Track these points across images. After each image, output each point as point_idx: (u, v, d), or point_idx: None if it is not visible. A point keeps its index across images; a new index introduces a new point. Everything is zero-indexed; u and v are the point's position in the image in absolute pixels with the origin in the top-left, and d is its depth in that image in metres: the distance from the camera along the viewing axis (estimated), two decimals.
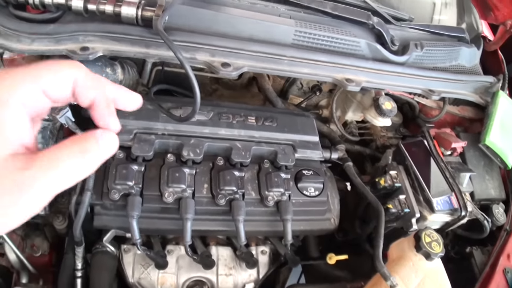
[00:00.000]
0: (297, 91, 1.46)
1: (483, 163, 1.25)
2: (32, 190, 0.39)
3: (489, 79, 1.27)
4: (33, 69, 0.43)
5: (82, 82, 0.45)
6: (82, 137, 0.44)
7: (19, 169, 0.39)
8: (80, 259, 0.95)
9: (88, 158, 0.43)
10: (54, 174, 0.41)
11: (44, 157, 0.41)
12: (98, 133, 0.45)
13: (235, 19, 0.96)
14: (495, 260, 1.10)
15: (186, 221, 0.85)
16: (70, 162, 0.42)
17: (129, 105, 0.53)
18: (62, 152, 0.42)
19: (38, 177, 0.40)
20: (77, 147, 0.43)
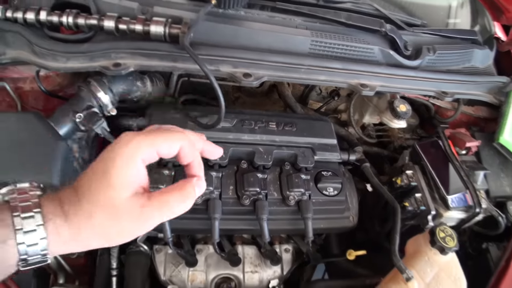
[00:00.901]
0: (316, 96, 1.51)
1: (498, 161, 1.27)
2: (148, 223, 0.55)
3: (503, 79, 1.29)
4: (152, 135, 0.57)
5: (186, 149, 0.61)
6: (184, 185, 0.60)
7: (141, 206, 0.54)
8: (115, 259, 1.03)
9: (188, 201, 0.59)
10: (163, 213, 0.56)
11: (158, 199, 0.56)
12: (195, 181, 0.62)
13: (254, 32, 1.02)
14: (510, 255, 1.12)
15: (214, 221, 0.91)
16: (176, 204, 0.58)
17: (213, 156, 0.69)
18: (171, 196, 0.57)
19: (154, 214, 0.55)
20: (182, 193, 0.59)
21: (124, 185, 0.53)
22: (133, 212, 0.53)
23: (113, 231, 0.54)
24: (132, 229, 0.55)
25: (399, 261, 0.93)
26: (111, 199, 0.53)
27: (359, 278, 1.11)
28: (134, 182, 0.54)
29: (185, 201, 0.58)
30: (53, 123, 0.88)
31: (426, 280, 0.92)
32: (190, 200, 0.59)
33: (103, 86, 0.97)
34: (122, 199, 0.53)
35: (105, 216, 0.53)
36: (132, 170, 0.54)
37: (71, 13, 0.93)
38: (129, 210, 0.53)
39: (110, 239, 0.55)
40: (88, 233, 0.53)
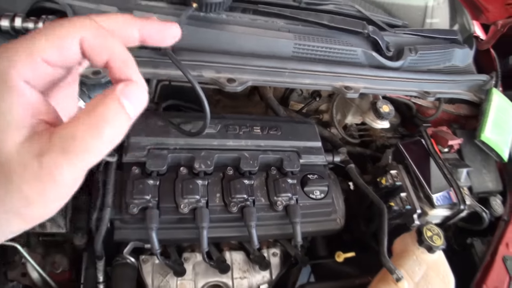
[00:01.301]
0: (297, 97, 1.51)
1: (480, 158, 1.30)
2: (54, 178, 0.34)
3: (483, 77, 1.31)
4: (27, 39, 0.36)
5: (91, 41, 0.37)
6: (99, 102, 0.35)
7: (36, 156, 0.33)
8: (101, 273, 1.00)
9: (109, 126, 0.34)
10: (73, 158, 0.34)
11: (59, 135, 0.34)
12: (118, 89, 0.36)
13: (237, 36, 1.01)
14: (495, 249, 1.14)
15: (202, 230, 0.89)
16: (89, 136, 0.34)
17: (165, 40, 0.45)
18: (78, 125, 0.34)
19: (59, 163, 0.33)
20: (94, 116, 0.34)
21: (8, 129, 0.34)
22: (29, 167, 0.33)
23: (14, 204, 0.34)
24: (38, 194, 0.34)
25: (388, 262, 0.93)
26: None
27: (348, 279, 1.11)
28: (20, 119, 0.34)
29: (103, 127, 0.34)
30: None
31: (415, 279, 0.93)
32: (113, 126, 0.35)
33: (82, 95, 0.94)
34: (11, 151, 0.34)
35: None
36: (10, 102, 0.34)
37: (47, 19, 0.89)
38: (22, 164, 0.33)
39: (18, 214, 0.35)
40: None
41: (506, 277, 1.08)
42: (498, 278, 1.07)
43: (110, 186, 0.91)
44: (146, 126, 1.00)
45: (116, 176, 0.94)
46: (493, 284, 1.06)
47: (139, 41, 0.43)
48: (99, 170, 0.96)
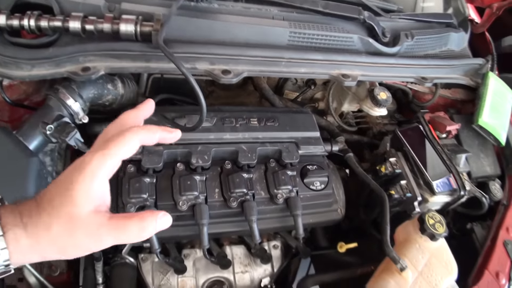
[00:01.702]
0: (292, 86, 1.48)
1: (477, 143, 1.29)
2: (103, 242, 0.56)
3: (478, 61, 1.30)
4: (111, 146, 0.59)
5: (145, 139, 0.64)
6: (147, 215, 0.59)
7: (99, 225, 0.55)
8: (100, 274, 0.98)
9: (146, 233, 0.59)
10: (119, 236, 0.57)
11: (116, 222, 0.57)
12: (160, 215, 0.61)
13: (230, 25, 0.98)
14: (495, 233, 1.14)
15: (203, 227, 0.87)
16: (134, 232, 0.57)
17: (172, 139, 0.71)
18: (130, 222, 0.57)
19: (108, 234, 0.56)
20: (141, 223, 0.58)
21: (86, 201, 0.55)
22: (90, 229, 0.55)
23: (69, 245, 0.55)
24: (86, 245, 0.56)
25: (392, 252, 0.92)
26: (71, 214, 0.54)
27: (350, 269, 1.11)
28: (96, 198, 0.56)
29: (143, 231, 0.58)
30: (22, 138, 0.81)
31: (419, 268, 0.92)
32: (148, 232, 0.59)
33: (72, 92, 0.90)
34: (82, 214, 0.54)
35: (62, 229, 0.54)
36: (95, 186, 0.56)
37: (32, 15, 0.85)
38: (86, 226, 0.55)
39: (65, 251, 0.56)
40: (46, 244, 0.54)
41: (507, 262, 1.09)
42: (500, 263, 1.08)
43: None
44: None
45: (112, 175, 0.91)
46: (494, 268, 1.06)
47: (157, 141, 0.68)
48: None
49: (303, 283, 1.06)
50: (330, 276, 1.11)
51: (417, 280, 0.91)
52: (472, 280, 1.05)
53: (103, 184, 0.58)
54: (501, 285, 1.04)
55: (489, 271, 1.06)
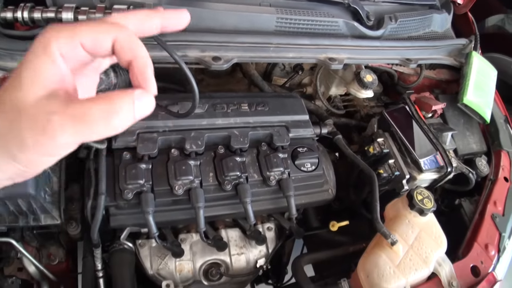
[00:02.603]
0: (280, 72, 1.50)
1: (463, 121, 1.33)
2: (54, 135, 0.41)
3: (462, 41, 1.33)
4: (73, 25, 0.45)
5: (123, 41, 0.46)
6: (118, 95, 0.43)
7: (50, 112, 0.41)
8: (99, 260, 1.00)
9: (116, 121, 0.43)
10: (79, 128, 0.41)
11: (74, 108, 0.42)
12: (136, 93, 0.45)
13: (219, 13, 1.00)
14: (483, 207, 1.18)
15: (199, 210, 0.90)
16: (98, 120, 0.42)
17: (180, 24, 0.54)
18: (93, 106, 0.42)
19: (63, 126, 0.41)
20: (110, 106, 0.42)
21: (34, 83, 0.42)
22: (38, 119, 0.41)
23: (12, 142, 0.42)
24: (34, 143, 0.41)
25: (382, 227, 0.95)
26: (16, 100, 0.42)
27: (343, 247, 1.14)
28: (47, 79, 0.43)
29: (113, 116, 0.42)
30: None
31: (409, 242, 0.95)
32: (122, 117, 0.43)
33: None
34: (29, 100, 0.41)
35: (5, 121, 0.42)
36: (45, 64, 0.43)
37: (25, 7, 0.87)
38: (33, 115, 0.41)
39: (12, 154, 0.42)
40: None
41: (496, 234, 1.13)
42: (488, 235, 1.11)
43: (103, 173, 0.91)
44: None
45: (108, 163, 0.93)
46: (483, 241, 1.10)
47: (160, 29, 0.52)
48: (90, 158, 0.95)
49: (298, 261, 1.09)
50: (324, 254, 1.14)
51: (408, 253, 0.94)
52: (462, 252, 1.09)
53: (59, 64, 0.43)
54: (491, 256, 1.08)
55: (478, 243, 1.10)
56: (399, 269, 0.92)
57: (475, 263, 1.05)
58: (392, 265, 0.92)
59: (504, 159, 1.31)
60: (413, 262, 0.93)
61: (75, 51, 0.45)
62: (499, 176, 1.26)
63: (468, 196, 1.28)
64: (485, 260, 1.07)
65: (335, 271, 1.16)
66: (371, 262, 0.95)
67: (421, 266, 0.93)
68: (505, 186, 1.25)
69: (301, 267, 1.08)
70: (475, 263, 1.05)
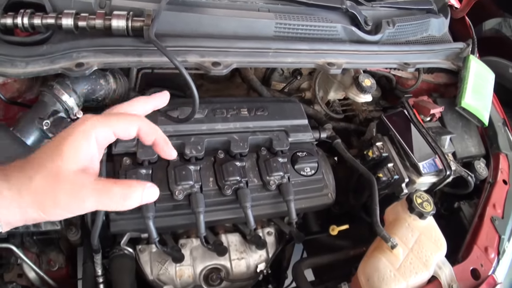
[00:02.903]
0: (278, 77, 1.51)
1: (461, 124, 1.33)
2: (83, 201, 0.55)
3: (459, 45, 1.34)
4: (108, 116, 0.60)
5: (145, 128, 0.63)
6: (134, 184, 0.59)
7: (83, 184, 0.55)
8: (99, 266, 0.99)
9: (129, 202, 0.58)
10: (101, 200, 0.56)
11: (101, 184, 0.56)
12: (147, 185, 0.61)
13: (218, 19, 1.00)
14: (482, 210, 1.18)
15: (199, 215, 0.90)
16: (117, 197, 0.56)
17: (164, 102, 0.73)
18: (115, 187, 0.56)
19: (91, 196, 0.55)
20: (127, 190, 0.58)
21: (73, 158, 0.55)
22: (73, 187, 0.54)
23: (49, 200, 0.53)
24: (67, 204, 0.54)
25: (382, 231, 0.95)
26: (56, 168, 0.53)
27: (343, 251, 1.14)
28: (84, 158, 0.56)
29: (127, 199, 0.57)
30: (19, 134, 0.84)
31: (409, 245, 0.95)
32: (133, 200, 0.58)
33: (66, 88, 0.92)
34: (67, 171, 0.54)
35: (44, 182, 0.53)
36: (84, 145, 0.56)
37: (25, 13, 0.87)
38: (70, 183, 0.54)
39: (44, 207, 0.54)
40: (27, 197, 0.53)
41: (495, 236, 1.12)
42: (488, 238, 1.11)
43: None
44: None
45: (108, 168, 0.93)
46: (483, 244, 1.10)
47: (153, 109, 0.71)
48: None
49: (298, 266, 1.09)
50: (324, 258, 1.14)
51: (408, 256, 0.94)
52: (462, 255, 1.08)
53: (92, 147, 0.57)
54: (491, 259, 1.08)
55: (478, 246, 1.09)
56: (399, 273, 0.92)
57: (475, 266, 1.05)
58: (392, 269, 0.92)
59: (503, 162, 1.32)
60: (413, 265, 0.93)
61: (106, 137, 0.59)
62: (498, 179, 1.26)
63: (467, 199, 1.27)
64: (485, 263, 1.07)
65: (336, 275, 1.16)
66: (371, 265, 0.94)
67: (421, 269, 0.92)
68: (504, 188, 1.25)
69: (301, 272, 1.08)
70: (475, 266, 1.05)
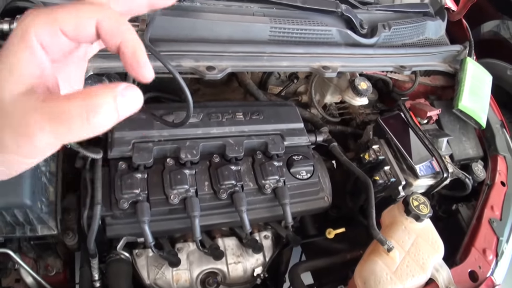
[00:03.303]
0: (275, 81, 1.51)
1: (459, 126, 1.33)
2: (33, 136, 0.36)
3: (456, 47, 1.34)
4: (50, 9, 0.39)
5: (106, 26, 0.39)
6: (97, 90, 0.36)
7: (28, 110, 0.36)
8: (96, 271, 1.00)
9: (97, 120, 0.36)
10: (56, 127, 0.36)
11: (51, 105, 0.36)
12: (119, 88, 0.37)
13: (213, 23, 1.01)
14: (480, 212, 1.18)
15: (194, 219, 0.90)
16: (76, 120, 0.36)
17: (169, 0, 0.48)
18: (71, 104, 0.36)
19: (41, 125, 0.36)
20: (87, 104, 0.35)
21: (11, 77, 0.38)
22: (16, 118, 0.37)
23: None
24: (13, 144, 0.37)
25: (378, 234, 0.95)
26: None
27: (340, 254, 1.14)
28: (26, 74, 0.38)
29: (93, 114, 0.35)
30: None
31: (406, 248, 0.95)
32: (102, 114, 0.35)
33: None
34: (6, 97, 0.37)
35: None
36: (23, 55, 0.38)
37: None
38: (11, 114, 0.37)
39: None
40: None
41: (493, 238, 1.12)
42: (486, 240, 1.11)
43: (98, 183, 0.91)
44: (129, 121, 0.99)
45: (103, 173, 0.93)
46: (481, 246, 1.10)
47: (148, 6, 0.46)
48: (86, 168, 0.95)
49: (295, 269, 1.09)
50: (321, 262, 1.14)
51: (404, 259, 0.94)
52: (460, 257, 1.09)
53: (38, 55, 0.39)
54: (489, 261, 1.08)
55: (476, 248, 1.09)
56: (396, 276, 0.91)
57: (473, 268, 1.05)
58: (389, 272, 0.92)
59: (501, 163, 1.32)
60: (410, 268, 0.92)
61: (55, 39, 0.39)
62: (496, 181, 1.26)
63: (465, 201, 1.27)
64: (483, 265, 1.06)
65: (333, 279, 1.16)
66: (368, 269, 0.94)
67: (418, 272, 0.92)
68: (502, 190, 1.25)
69: (298, 275, 1.08)
70: (473, 268, 1.05)
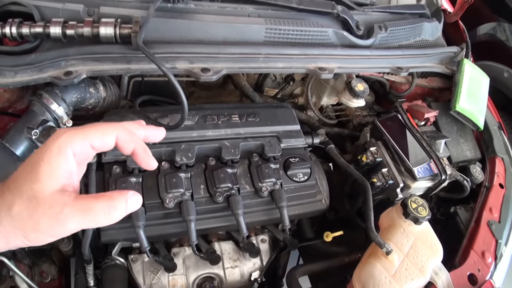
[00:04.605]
0: (271, 83, 1.51)
1: (456, 128, 1.33)
2: (67, 225, 0.52)
3: (453, 49, 1.33)
4: (83, 128, 0.56)
5: (123, 137, 0.59)
6: (115, 196, 0.56)
7: (63, 204, 0.52)
8: (91, 277, 0.98)
9: (115, 215, 0.55)
10: (85, 218, 0.53)
11: (82, 202, 0.53)
12: (129, 194, 0.58)
13: (208, 25, 1.00)
14: (479, 214, 1.18)
15: (190, 223, 0.89)
16: (100, 213, 0.54)
17: (157, 138, 0.69)
18: (97, 203, 0.54)
19: (73, 216, 0.52)
20: (110, 203, 0.55)
21: (50, 178, 0.52)
22: (53, 209, 0.51)
23: (29, 225, 0.51)
24: (48, 227, 0.52)
25: (377, 237, 0.94)
26: (34, 191, 0.51)
27: (338, 257, 1.13)
28: (62, 176, 0.54)
29: (112, 212, 0.55)
30: (8, 144, 0.83)
31: (404, 251, 0.94)
32: (118, 213, 0.56)
33: (55, 97, 0.91)
34: (46, 192, 0.52)
35: (24, 207, 0.51)
36: (61, 163, 0.53)
37: (14, 23, 0.86)
38: (50, 205, 0.51)
39: (26, 234, 0.52)
40: (8, 225, 0.51)
41: (492, 241, 1.12)
42: (485, 242, 1.11)
43: (93, 187, 0.90)
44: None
45: (98, 177, 0.92)
46: (480, 248, 1.09)
47: (144, 138, 0.65)
48: None
49: (293, 273, 1.07)
50: (319, 265, 1.12)
51: (403, 262, 0.92)
52: (459, 260, 1.08)
53: (70, 163, 0.54)
54: (488, 264, 1.07)
55: (474, 251, 1.09)
56: (395, 279, 0.90)
57: (472, 271, 1.04)
58: (387, 275, 0.91)
59: (499, 165, 1.31)
60: (409, 271, 0.91)
61: (84, 150, 0.56)
62: (494, 183, 1.25)
63: (464, 204, 1.27)
64: (482, 267, 1.06)
65: (331, 283, 1.15)
66: (366, 272, 0.93)
67: (417, 275, 0.91)
68: (500, 192, 1.24)
69: (296, 279, 1.06)
70: (472, 271, 1.04)
